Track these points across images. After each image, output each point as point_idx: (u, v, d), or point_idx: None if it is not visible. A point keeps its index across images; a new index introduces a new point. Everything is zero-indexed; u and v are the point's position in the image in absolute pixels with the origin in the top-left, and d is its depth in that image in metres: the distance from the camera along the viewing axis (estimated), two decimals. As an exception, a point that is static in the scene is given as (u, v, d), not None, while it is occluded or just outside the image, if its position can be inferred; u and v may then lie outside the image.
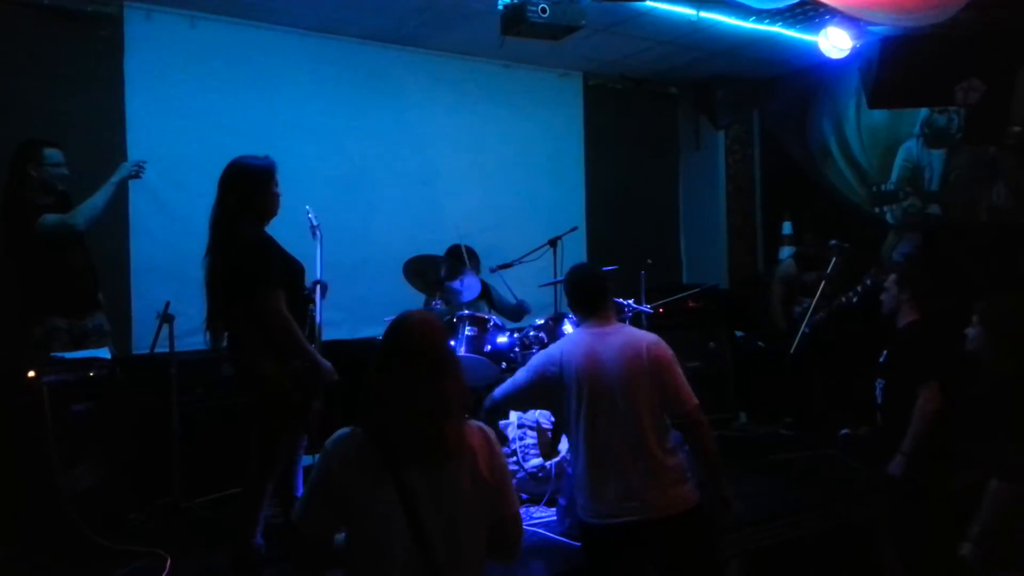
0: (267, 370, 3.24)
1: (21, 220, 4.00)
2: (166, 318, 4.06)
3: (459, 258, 5.16)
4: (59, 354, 3.88)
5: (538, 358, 3.11)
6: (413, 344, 2.01)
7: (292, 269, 3.44)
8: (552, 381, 2.96)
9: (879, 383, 4.00)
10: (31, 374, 3.64)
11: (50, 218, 3.99)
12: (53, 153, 4.12)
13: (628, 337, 2.95)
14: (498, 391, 3.26)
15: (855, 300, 4.79)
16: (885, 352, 3.92)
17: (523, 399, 3.39)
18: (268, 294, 3.17)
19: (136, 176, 4.29)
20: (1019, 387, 2.88)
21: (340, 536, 2.03)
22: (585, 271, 3.21)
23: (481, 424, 2.13)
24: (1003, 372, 2.93)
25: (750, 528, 3.85)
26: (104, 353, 4.01)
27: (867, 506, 3.97)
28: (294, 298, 3.37)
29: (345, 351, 4.85)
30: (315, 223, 4.06)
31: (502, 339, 4.77)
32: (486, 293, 5.51)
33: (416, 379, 1.96)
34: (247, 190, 3.29)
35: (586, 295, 3.08)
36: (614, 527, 2.78)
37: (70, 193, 4.22)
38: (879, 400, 3.99)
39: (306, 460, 4.52)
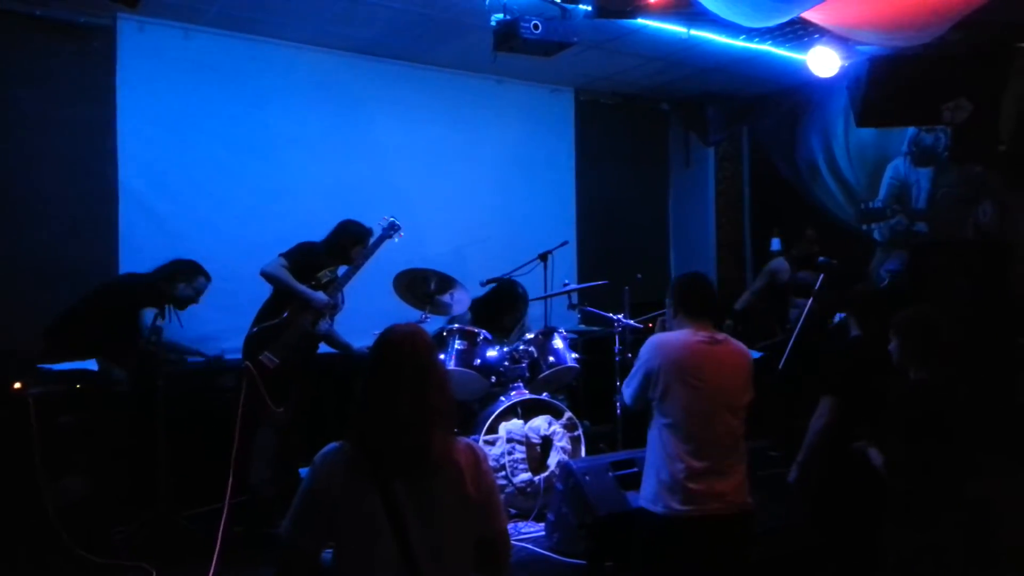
0: None
1: (141, 297, 4.33)
2: (154, 331, 4.04)
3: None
4: (46, 366, 3.86)
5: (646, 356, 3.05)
6: (397, 355, 2.03)
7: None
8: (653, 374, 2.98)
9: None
10: (17, 386, 3.62)
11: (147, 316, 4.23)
12: (204, 282, 4.62)
13: (735, 345, 3.07)
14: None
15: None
16: None
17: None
18: None
19: None
20: (930, 393, 2.98)
21: (327, 553, 2.03)
22: (703, 279, 3.26)
23: (470, 441, 2.15)
24: (916, 379, 3.04)
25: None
26: (91, 365, 3.99)
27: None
28: None
29: (335, 364, 4.87)
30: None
31: (492, 353, 4.77)
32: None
33: (399, 389, 1.98)
34: None
35: (701, 301, 3.10)
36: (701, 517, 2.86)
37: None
38: None
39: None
